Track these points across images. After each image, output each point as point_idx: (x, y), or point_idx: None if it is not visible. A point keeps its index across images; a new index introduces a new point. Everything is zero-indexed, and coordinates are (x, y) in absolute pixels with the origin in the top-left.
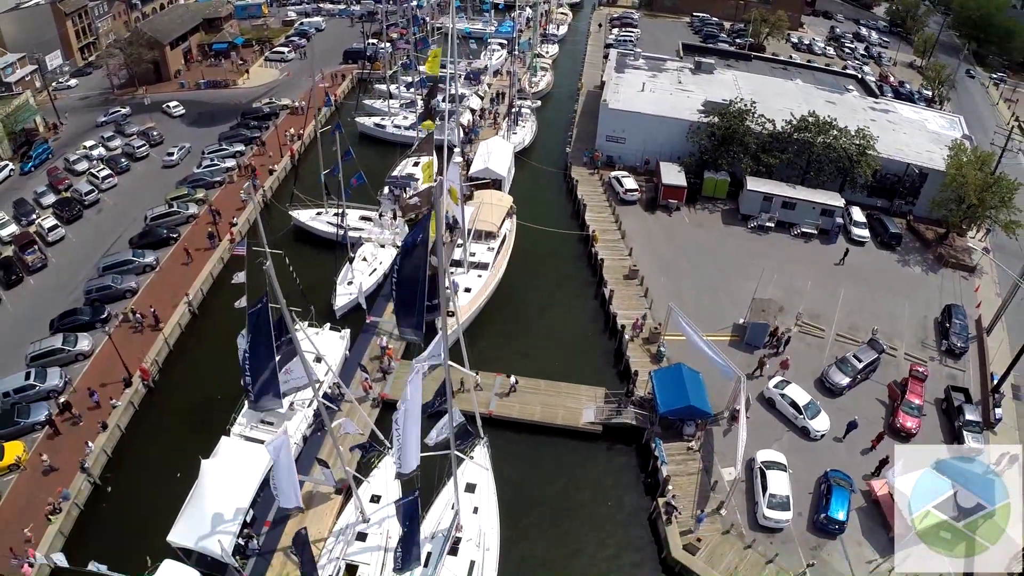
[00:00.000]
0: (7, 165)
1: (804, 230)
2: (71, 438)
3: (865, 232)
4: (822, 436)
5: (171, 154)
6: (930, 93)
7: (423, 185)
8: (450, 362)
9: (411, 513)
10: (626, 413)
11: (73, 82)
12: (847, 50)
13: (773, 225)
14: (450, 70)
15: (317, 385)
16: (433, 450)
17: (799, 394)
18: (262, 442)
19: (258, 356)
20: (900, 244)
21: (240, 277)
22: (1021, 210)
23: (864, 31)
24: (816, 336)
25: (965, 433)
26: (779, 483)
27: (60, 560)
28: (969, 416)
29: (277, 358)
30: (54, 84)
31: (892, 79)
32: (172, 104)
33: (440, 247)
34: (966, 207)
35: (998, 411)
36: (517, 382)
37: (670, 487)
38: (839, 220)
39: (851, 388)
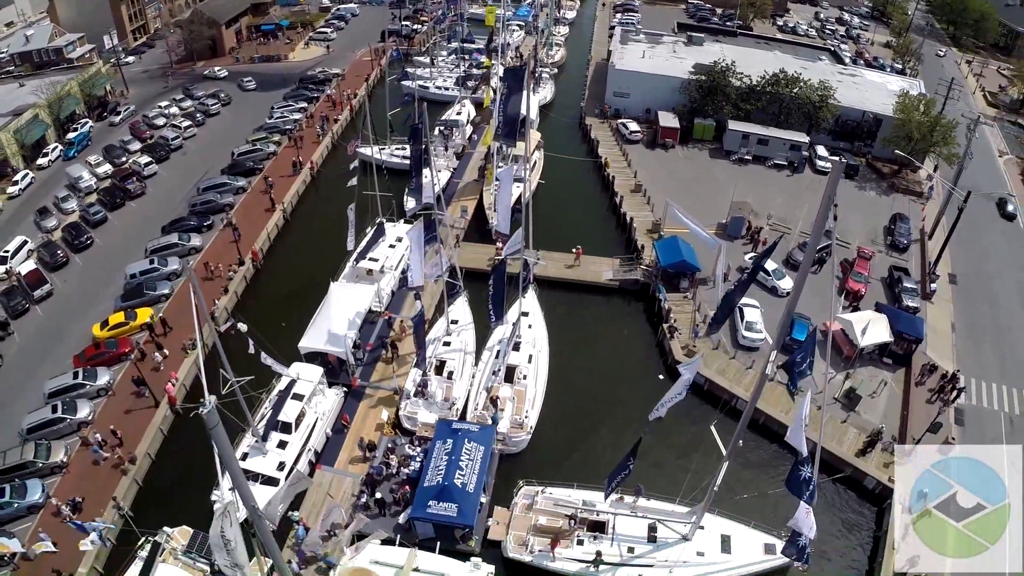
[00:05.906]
0: (87, 123)
1: (776, 162)
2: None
3: (828, 164)
4: (787, 293)
5: (250, 80)
6: (900, 66)
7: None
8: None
9: (500, 274)
10: (636, 271)
11: (130, 59)
12: (828, 31)
13: (750, 158)
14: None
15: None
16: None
17: (768, 263)
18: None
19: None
20: (858, 174)
21: (356, 163)
22: (960, 144)
23: (846, 16)
24: (784, 232)
25: (903, 296)
26: (753, 315)
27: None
28: (907, 284)
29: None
30: (112, 60)
31: (867, 55)
32: (216, 68)
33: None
34: (912, 143)
35: (933, 286)
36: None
37: (672, 315)
38: (804, 154)
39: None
